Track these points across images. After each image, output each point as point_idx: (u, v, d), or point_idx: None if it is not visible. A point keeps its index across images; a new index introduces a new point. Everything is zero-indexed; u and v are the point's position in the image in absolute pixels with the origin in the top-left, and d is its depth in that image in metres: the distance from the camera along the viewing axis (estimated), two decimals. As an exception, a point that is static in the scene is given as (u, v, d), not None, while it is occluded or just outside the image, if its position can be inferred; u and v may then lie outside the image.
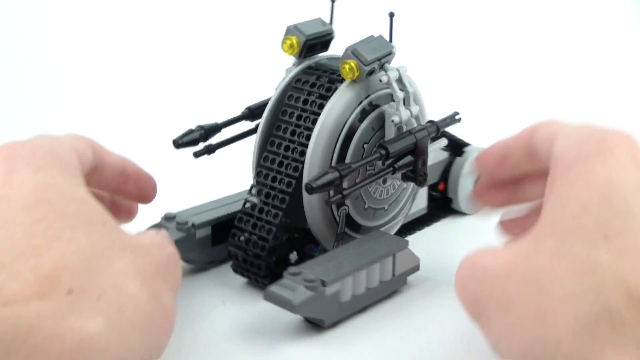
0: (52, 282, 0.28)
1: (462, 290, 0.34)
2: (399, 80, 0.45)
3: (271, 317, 0.44)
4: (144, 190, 0.44)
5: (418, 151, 0.45)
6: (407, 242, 0.46)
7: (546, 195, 0.33)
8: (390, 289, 0.46)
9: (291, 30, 0.48)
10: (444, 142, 0.49)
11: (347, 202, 0.46)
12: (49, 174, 0.32)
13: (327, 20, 0.49)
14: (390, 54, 0.44)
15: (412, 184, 0.49)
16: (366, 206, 0.48)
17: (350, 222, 0.47)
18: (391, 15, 0.45)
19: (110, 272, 0.30)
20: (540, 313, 0.29)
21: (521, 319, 0.30)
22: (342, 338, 0.43)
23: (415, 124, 0.46)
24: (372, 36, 0.45)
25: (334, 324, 0.43)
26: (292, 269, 0.42)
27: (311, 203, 0.45)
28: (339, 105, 0.44)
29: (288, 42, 0.47)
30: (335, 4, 0.49)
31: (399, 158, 0.45)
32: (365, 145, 0.46)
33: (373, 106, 0.46)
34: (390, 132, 0.45)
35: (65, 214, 0.31)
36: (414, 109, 0.46)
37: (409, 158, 0.45)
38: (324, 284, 0.41)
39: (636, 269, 0.28)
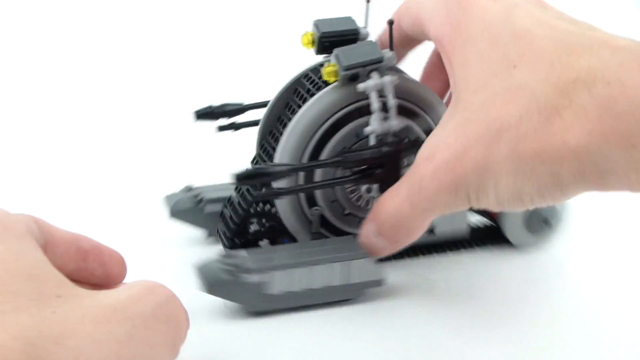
0: None
1: (444, 189, 0.37)
2: (382, 90, 0.42)
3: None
4: (109, 267, 0.37)
5: (387, 165, 0.43)
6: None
7: (450, 74, 0.39)
8: (341, 295, 0.44)
9: (313, 25, 0.48)
10: None
11: (321, 204, 0.45)
12: None
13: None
14: (379, 62, 0.42)
15: None
16: (346, 212, 0.46)
17: (329, 226, 0.47)
18: (390, 22, 0.43)
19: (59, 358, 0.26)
20: (511, 149, 0.34)
21: (503, 162, 0.35)
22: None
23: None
24: (367, 41, 0.44)
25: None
26: (228, 252, 0.43)
27: (280, 199, 0.45)
28: (317, 105, 0.44)
29: (307, 36, 0.48)
30: (370, 4, 0.48)
31: (368, 168, 0.43)
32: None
33: (362, 113, 0.44)
34: (371, 142, 0.44)
35: (9, 293, 0.27)
36: (395, 122, 0.43)
37: (373, 170, 0.43)
38: (248, 271, 0.42)
39: (548, 72, 0.34)
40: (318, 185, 0.44)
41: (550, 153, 0.33)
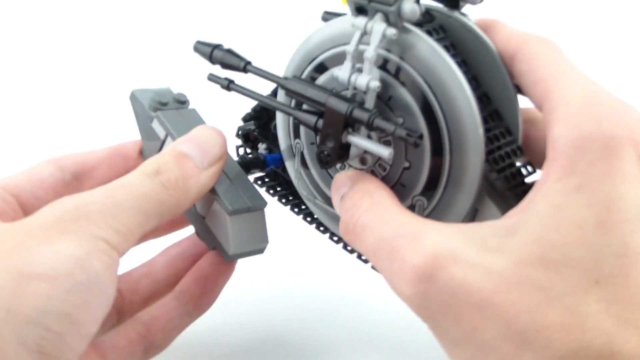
0: None
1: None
2: (376, 38, 0.32)
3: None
4: None
5: (325, 120, 0.34)
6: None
7: (538, 184, 0.28)
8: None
9: None
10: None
11: (303, 139, 0.38)
12: None
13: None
14: (386, 3, 0.32)
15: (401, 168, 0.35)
16: None
17: (307, 169, 0.39)
18: None
19: None
20: None
21: None
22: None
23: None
24: None
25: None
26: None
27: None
28: (326, 29, 0.36)
29: None
30: None
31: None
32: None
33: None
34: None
35: None
36: (363, 80, 0.32)
37: (312, 117, 0.35)
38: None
39: (620, 326, 0.26)
40: (262, 99, 0.38)
41: None
